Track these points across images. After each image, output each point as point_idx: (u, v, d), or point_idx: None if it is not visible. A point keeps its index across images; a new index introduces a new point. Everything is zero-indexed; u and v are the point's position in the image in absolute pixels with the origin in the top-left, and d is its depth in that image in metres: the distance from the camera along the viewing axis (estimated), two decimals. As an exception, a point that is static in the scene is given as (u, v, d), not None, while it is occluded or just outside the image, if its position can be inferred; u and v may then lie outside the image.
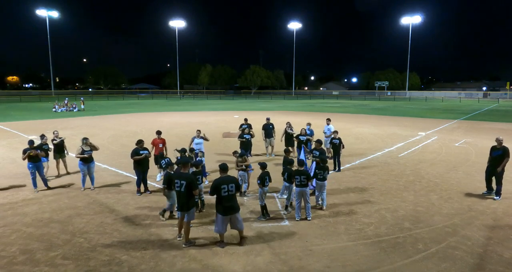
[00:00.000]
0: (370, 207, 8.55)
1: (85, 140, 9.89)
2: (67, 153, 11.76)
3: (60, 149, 11.52)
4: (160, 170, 10.54)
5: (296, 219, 7.67)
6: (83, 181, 9.88)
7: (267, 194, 8.16)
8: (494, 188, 9.35)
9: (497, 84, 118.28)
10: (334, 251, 6.27)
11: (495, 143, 9.47)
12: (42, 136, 11.09)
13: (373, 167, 12.72)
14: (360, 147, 16.73)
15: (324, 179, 8.30)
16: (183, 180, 6.35)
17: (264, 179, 7.73)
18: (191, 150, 10.04)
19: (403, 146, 17.14)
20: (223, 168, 6.59)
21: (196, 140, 11.28)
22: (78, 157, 9.74)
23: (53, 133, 11.79)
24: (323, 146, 10.63)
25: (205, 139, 11.49)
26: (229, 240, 6.70)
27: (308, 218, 7.67)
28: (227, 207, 6.32)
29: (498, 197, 9.09)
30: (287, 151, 9.93)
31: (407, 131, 22.46)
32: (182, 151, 9.54)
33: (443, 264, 5.84)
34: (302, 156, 9.69)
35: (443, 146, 17.07)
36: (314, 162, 9.08)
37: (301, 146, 11.80)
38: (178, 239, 6.68)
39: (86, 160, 9.74)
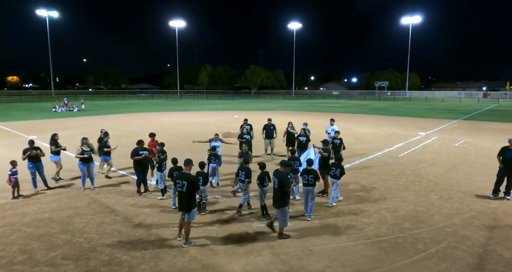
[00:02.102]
0: (370, 207, 8.55)
1: (84, 140, 9.90)
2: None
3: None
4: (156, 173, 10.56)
5: (306, 216, 7.82)
6: (83, 181, 9.88)
7: (267, 194, 8.16)
8: (501, 191, 9.18)
9: (497, 84, 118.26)
10: (334, 251, 6.27)
11: (504, 144, 9.13)
12: (106, 134, 11.16)
13: (373, 167, 12.72)
14: (360, 147, 16.73)
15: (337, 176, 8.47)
16: (185, 181, 6.37)
17: (263, 179, 7.72)
18: (213, 148, 10.18)
19: (403, 146, 17.14)
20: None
21: (214, 143, 10.82)
22: (77, 158, 9.74)
23: (101, 131, 11.87)
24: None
25: (224, 141, 11.51)
26: (229, 239, 6.72)
27: (308, 219, 7.69)
28: (273, 197, 7.00)
29: (509, 197, 9.04)
30: (293, 152, 9.82)
31: (407, 131, 22.47)
32: (161, 152, 9.61)
33: (443, 264, 5.84)
34: (305, 157, 9.66)
35: (443, 146, 17.07)
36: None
37: (301, 147, 11.81)
38: (178, 239, 6.67)
39: (86, 160, 9.75)
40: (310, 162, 8.02)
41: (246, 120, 14.71)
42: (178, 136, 19.67)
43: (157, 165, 9.37)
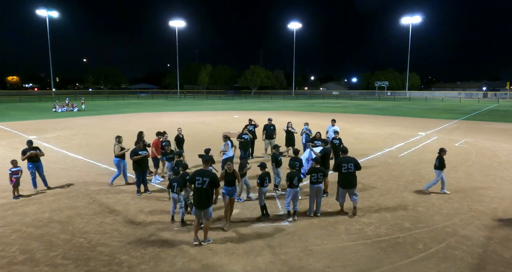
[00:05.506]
0: (370, 207, 8.55)
1: (118, 139, 10.31)
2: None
3: (180, 146, 12.11)
4: (157, 171, 10.66)
5: (310, 215, 7.88)
6: (115, 177, 10.20)
7: (267, 194, 8.16)
8: None
9: (497, 84, 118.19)
10: (334, 251, 6.27)
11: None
12: (164, 133, 11.25)
13: (373, 167, 12.71)
14: (360, 147, 16.72)
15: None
16: (206, 177, 6.33)
17: (264, 179, 7.72)
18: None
19: (403, 146, 17.14)
20: (344, 150, 8.34)
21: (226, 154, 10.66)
22: (118, 155, 10.02)
23: (177, 130, 12.32)
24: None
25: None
26: (229, 239, 6.73)
27: (317, 214, 7.90)
28: (346, 182, 7.74)
29: None
30: (296, 152, 9.75)
31: (407, 131, 22.46)
32: (178, 153, 9.60)
33: (443, 264, 5.84)
34: (305, 157, 9.65)
35: (443, 146, 17.01)
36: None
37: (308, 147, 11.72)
38: (195, 243, 6.46)
39: (124, 157, 10.11)
40: (318, 160, 8.21)
41: (251, 120, 14.62)
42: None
43: (168, 165, 9.30)
